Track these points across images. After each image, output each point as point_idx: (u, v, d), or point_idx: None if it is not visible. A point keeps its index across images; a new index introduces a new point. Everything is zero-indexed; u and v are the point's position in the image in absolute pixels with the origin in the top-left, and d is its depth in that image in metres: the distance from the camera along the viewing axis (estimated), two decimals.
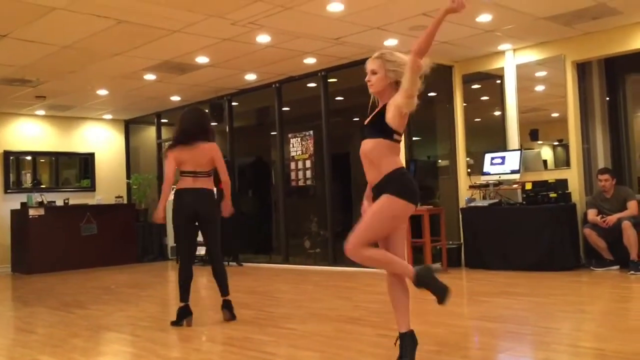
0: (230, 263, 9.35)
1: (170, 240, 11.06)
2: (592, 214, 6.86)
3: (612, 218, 6.63)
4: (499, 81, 7.93)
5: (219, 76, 8.51)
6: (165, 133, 11.48)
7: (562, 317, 4.60)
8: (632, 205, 6.67)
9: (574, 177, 7.24)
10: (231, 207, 5.11)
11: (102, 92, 9.22)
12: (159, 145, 11.37)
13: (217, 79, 8.71)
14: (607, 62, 7.79)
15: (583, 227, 6.94)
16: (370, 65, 3.38)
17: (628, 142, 7.91)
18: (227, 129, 10.04)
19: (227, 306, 4.89)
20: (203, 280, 8.28)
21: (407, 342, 3.28)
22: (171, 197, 5.01)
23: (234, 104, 10.01)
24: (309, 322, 4.76)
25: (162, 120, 11.35)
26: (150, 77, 8.32)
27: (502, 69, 7.83)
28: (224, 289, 4.91)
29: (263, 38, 6.74)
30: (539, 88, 8.07)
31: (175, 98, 9.99)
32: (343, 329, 4.43)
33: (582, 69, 7.67)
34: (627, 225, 6.45)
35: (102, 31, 6.22)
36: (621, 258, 6.55)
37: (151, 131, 11.61)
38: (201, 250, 9.79)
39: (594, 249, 6.81)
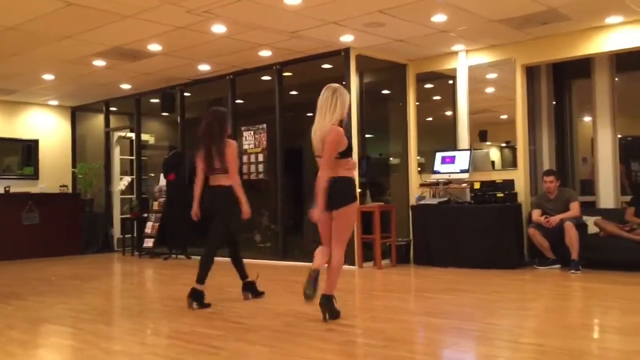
0: (179, 256, 9.20)
1: (117, 232, 10.82)
2: (536, 214, 7.05)
3: (555, 218, 6.83)
4: (451, 81, 8.06)
5: (172, 65, 8.34)
6: (114, 122, 11.19)
7: (505, 314, 4.71)
8: (574, 206, 6.90)
9: (520, 178, 7.43)
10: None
11: (48, 77, 8.91)
12: (107, 134, 11.07)
13: (170, 68, 8.53)
14: (555, 67, 8.03)
15: (528, 227, 7.14)
16: None
17: (572, 146, 8.18)
18: (179, 120, 9.86)
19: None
20: (150, 273, 8.12)
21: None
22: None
23: (186, 94, 9.83)
24: (258, 316, 4.72)
25: (111, 109, 11.06)
26: (99, 63, 8.08)
27: (454, 69, 7.96)
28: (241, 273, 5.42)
29: (218, 28, 6.64)
30: (489, 90, 8.24)
31: (126, 86, 9.74)
32: (292, 323, 4.41)
33: (531, 73, 7.88)
34: (569, 225, 6.66)
35: (49, 13, 5.99)
36: (563, 257, 6.76)
37: (99, 119, 11.29)
38: (148, 242, 9.62)
39: (537, 248, 7.01)
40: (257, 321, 4.52)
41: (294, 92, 9.16)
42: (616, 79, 7.50)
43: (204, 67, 8.58)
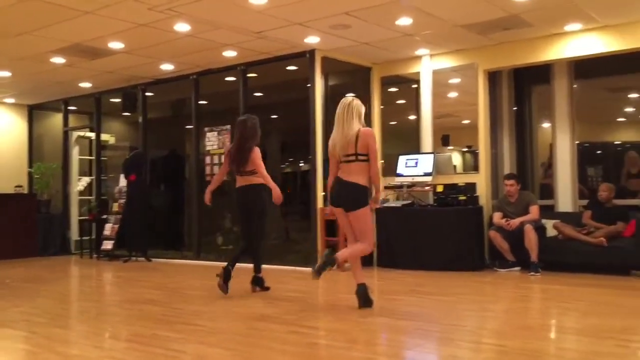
0: (139, 259, 9.02)
1: (75, 234, 10.56)
2: (497, 217, 7.15)
3: (516, 221, 6.94)
4: (415, 85, 8.12)
5: (134, 64, 8.18)
6: (73, 121, 10.92)
7: (467, 315, 4.75)
8: (534, 209, 7.02)
9: (481, 181, 7.52)
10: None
11: (4, 73, 8.63)
12: (66, 134, 10.80)
13: (132, 67, 8.37)
14: (516, 73, 8.17)
15: (489, 230, 7.23)
16: None
17: (532, 150, 8.33)
18: (140, 120, 9.68)
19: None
20: (109, 276, 7.94)
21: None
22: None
23: (148, 94, 9.66)
24: (220, 319, 4.65)
25: (70, 107, 10.79)
26: (58, 60, 7.87)
27: (418, 73, 8.02)
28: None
29: (182, 26, 6.54)
30: (452, 94, 8.34)
31: (86, 84, 9.52)
32: (254, 326, 4.35)
33: (493, 78, 8.00)
34: (528, 228, 6.77)
35: (5, 7, 5.80)
36: (522, 259, 6.87)
37: (57, 118, 11.00)
38: (107, 245, 9.41)
39: (497, 250, 7.10)
40: (218, 324, 4.45)
41: (258, 94, 9.10)
42: (575, 85, 7.68)
43: (167, 67, 8.45)
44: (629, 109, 8.23)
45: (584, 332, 4.14)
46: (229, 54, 7.74)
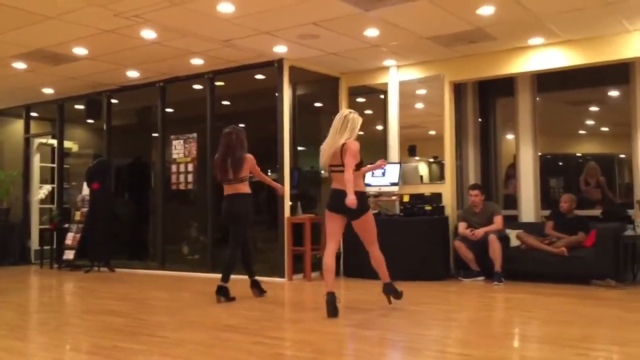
0: (101, 268, 8.84)
1: (35, 243, 10.29)
2: (462, 227, 7.24)
3: (480, 231, 7.03)
4: (382, 96, 8.19)
5: (98, 70, 8.05)
6: (35, 127, 10.68)
7: (432, 325, 4.78)
8: (498, 219, 7.13)
9: (447, 191, 7.61)
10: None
11: None
12: (27, 140, 10.55)
13: (96, 73, 8.23)
14: (481, 85, 8.31)
15: (454, 239, 7.31)
16: None
17: (497, 161, 8.47)
18: (105, 127, 9.52)
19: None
20: (70, 286, 7.76)
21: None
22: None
23: (113, 101, 9.52)
24: (184, 330, 4.58)
25: (32, 114, 10.55)
26: (20, 65, 7.69)
27: (386, 84, 8.10)
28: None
29: (148, 33, 6.47)
30: (419, 105, 8.42)
31: (48, 90, 9.33)
32: (219, 336, 4.30)
33: (459, 90, 8.13)
34: (492, 238, 6.87)
35: None
36: (487, 269, 6.96)
37: (18, 125, 10.75)
38: (69, 254, 9.21)
39: (462, 260, 7.18)
40: (183, 335, 4.38)
41: (226, 102, 9.05)
42: (537, 98, 7.85)
43: (133, 74, 8.34)
44: (590, 122, 8.45)
45: (546, 340, 4.20)
46: (196, 61, 7.68)
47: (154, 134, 9.21)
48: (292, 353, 3.95)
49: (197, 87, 8.56)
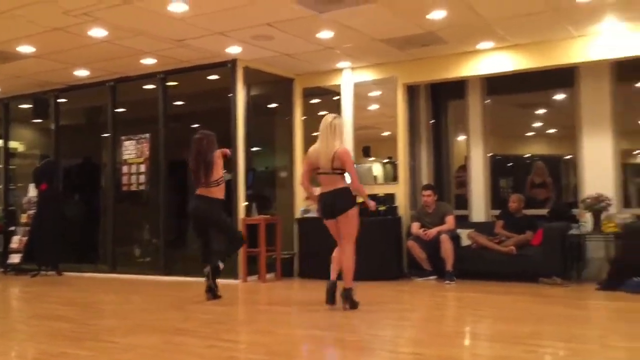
0: (49, 272, 8.58)
1: None
2: (415, 227, 7.34)
3: (432, 231, 7.14)
4: (337, 97, 8.23)
5: (46, 69, 7.82)
6: None
7: (386, 324, 4.83)
8: (449, 219, 7.26)
9: (401, 192, 7.71)
10: None
11: None
12: None
13: (43, 72, 7.99)
14: (433, 87, 8.44)
15: (407, 239, 7.40)
16: None
17: (448, 162, 8.62)
18: (53, 127, 9.26)
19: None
20: (15, 291, 7.51)
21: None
22: None
23: (61, 100, 9.27)
24: (135, 334, 4.49)
25: None
26: None
27: (340, 85, 8.14)
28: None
29: (98, 32, 6.32)
30: (373, 107, 8.50)
31: None
32: (171, 340, 4.23)
33: (412, 92, 8.24)
34: (444, 238, 6.99)
35: None
36: (439, 268, 7.08)
37: None
38: (14, 258, 8.92)
39: (415, 259, 7.28)
40: (132, 340, 4.29)
41: (179, 102, 8.92)
42: (487, 101, 8.03)
43: (82, 73, 8.13)
44: (537, 124, 8.69)
45: (496, 338, 4.30)
46: (148, 61, 7.55)
47: (104, 134, 9.00)
48: (245, 356, 3.92)
49: (149, 87, 8.41)
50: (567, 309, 5.39)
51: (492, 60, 7.25)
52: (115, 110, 8.74)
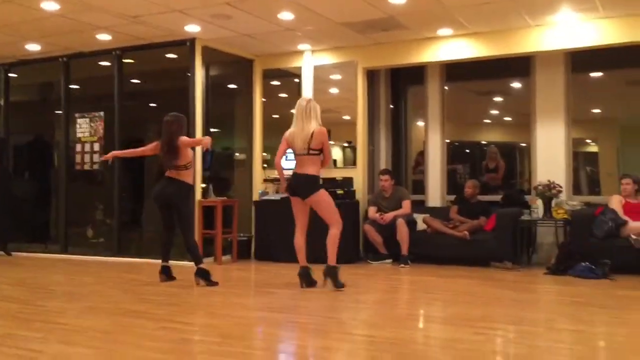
0: None
1: None
2: (372, 211, 7.40)
3: (389, 215, 7.21)
4: (297, 80, 8.17)
5: None
6: None
7: (341, 307, 4.86)
8: (406, 204, 7.34)
9: (359, 176, 7.74)
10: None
11: None
12: None
13: None
14: (393, 73, 8.47)
15: (363, 223, 7.46)
16: None
17: (407, 147, 8.70)
18: (2, 103, 8.93)
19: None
20: None
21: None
22: None
23: (11, 75, 8.94)
24: (85, 316, 4.41)
25: None
26: None
27: (300, 68, 8.08)
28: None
29: (50, 5, 6.10)
30: (333, 90, 8.48)
31: None
32: (122, 322, 4.17)
33: (372, 77, 8.25)
34: (400, 222, 7.07)
35: None
36: (394, 252, 7.16)
37: None
38: None
39: (371, 243, 7.35)
40: (83, 321, 4.21)
41: (135, 80, 8.72)
42: (446, 87, 8.11)
43: (34, 47, 7.85)
44: (494, 112, 8.84)
45: (448, 320, 4.39)
46: (103, 37, 7.34)
47: (57, 112, 8.73)
48: (198, 338, 3.90)
49: (104, 63, 8.19)
50: (517, 293, 5.54)
51: (451, 47, 7.31)
52: (69, 86, 8.48)
